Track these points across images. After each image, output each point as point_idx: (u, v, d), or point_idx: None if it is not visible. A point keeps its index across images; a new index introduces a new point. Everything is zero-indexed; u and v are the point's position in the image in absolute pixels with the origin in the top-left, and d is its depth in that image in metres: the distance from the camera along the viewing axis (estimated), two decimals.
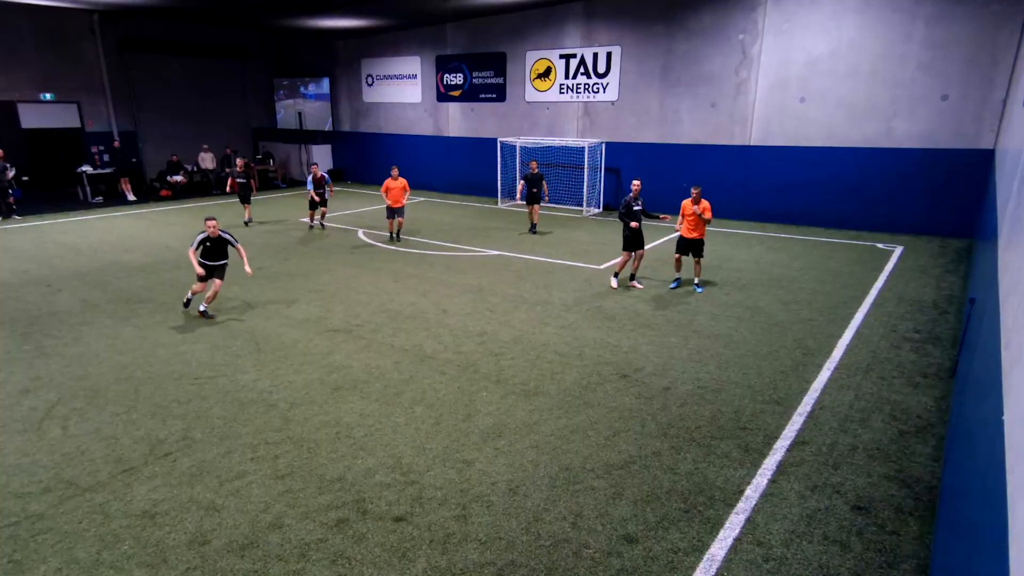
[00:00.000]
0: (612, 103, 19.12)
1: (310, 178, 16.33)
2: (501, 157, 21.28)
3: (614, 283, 11.13)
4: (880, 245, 14.37)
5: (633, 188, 10.93)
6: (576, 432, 6.17)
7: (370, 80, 25.27)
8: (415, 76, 23.72)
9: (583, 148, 19.28)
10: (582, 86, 19.57)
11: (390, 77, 24.58)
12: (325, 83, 26.90)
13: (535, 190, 15.56)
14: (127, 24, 22.79)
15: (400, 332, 8.94)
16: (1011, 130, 9.17)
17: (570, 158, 19.90)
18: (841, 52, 15.29)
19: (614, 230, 16.31)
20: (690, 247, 10.73)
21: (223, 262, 9.64)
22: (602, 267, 12.54)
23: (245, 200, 17.11)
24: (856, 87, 15.30)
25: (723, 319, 9.43)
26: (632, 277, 11.26)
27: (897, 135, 15.10)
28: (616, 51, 18.64)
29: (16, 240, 15.03)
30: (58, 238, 15.28)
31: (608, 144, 19.26)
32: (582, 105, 19.80)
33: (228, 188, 17.39)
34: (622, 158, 19.20)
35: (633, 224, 10.68)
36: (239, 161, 17.95)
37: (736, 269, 12.33)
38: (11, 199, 18.00)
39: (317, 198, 16.28)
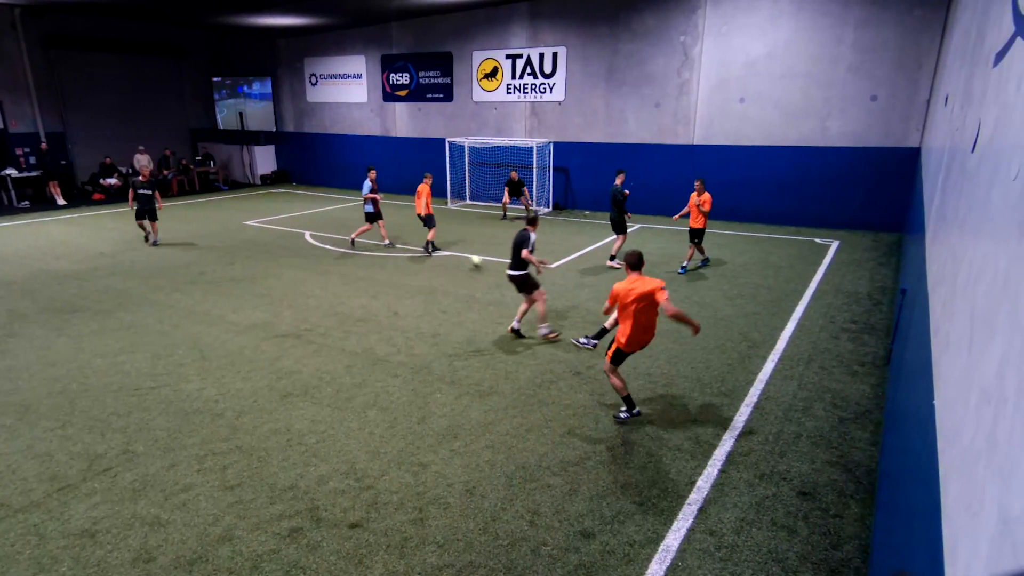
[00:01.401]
0: (559, 103, 19.28)
1: (369, 184, 13.87)
2: (450, 157, 21.18)
3: (616, 263, 12.52)
4: (818, 240, 14.92)
5: (618, 180, 12.52)
6: (531, 430, 6.20)
7: (314, 79, 24.78)
8: (360, 76, 23.39)
9: (531, 148, 19.37)
10: (529, 86, 19.66)
11: (335, 76, 24.16)
12: (268, 82, 26.24)
13: (516, 196, 17.53)
14: (52, 19, 21.69)
15: (351, 335, 8.80)
16: (934, 130, 9.67)
17: (519, 158, 19.95)
18: (777, 54, 15.81)
19: (564, 229, 16.45)
20: (693, 235, 11.97)
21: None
22: (552, 266, 12.62)
23: (151, 216, 14.46)
24: (792, 88, 15.85)
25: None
26: (612, 258, 12.70)
27: (831, 134, 15.71)
28: (562, 52, 18.80)
29: None
30: None
31: (556, 144, 19.41)
32: (529, 105, 19.90)
33: (129, 202, 14.58)
34: (570, 157, 19.37)
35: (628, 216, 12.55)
36: (143, 170, 14.75)
37: (682, 266, 12.58)
38: None
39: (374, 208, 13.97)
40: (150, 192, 14.39)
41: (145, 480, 5.40)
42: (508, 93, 20.12)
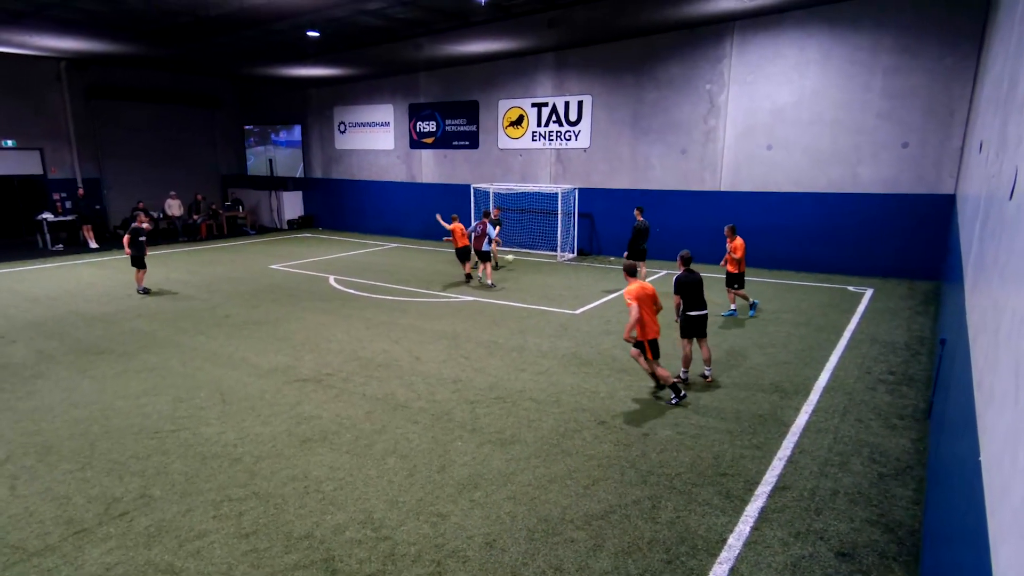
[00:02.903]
0: (584, 150, 19.54)
1: (490, 227, 15.21)
2: (474, 203, 21.49)
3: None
4: (851, 288, 14.68)
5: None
6: (554, 481, 6.08)
7: (342, 127, 25.54)
8: (388, 124, 24.05)
9: (556, 194, 19.58)
10: (554, 133, 20.00)
11: (363, 124, 24.87)
12: (297, 130, 27.10)
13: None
14: (95, 71, 22.82)
15: (372, 381, 8.81)
16: (969, 176, 9.57)
17: (544, 203, 20.17)
18: (805, 101, 15.91)
19: (590, 275, 16.44)
20: (729, 281, 12.06)
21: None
22: (577, 312, 12.59)
23: (142, 264, 14.19)
24: (820, 134, 15.88)
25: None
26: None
27: (862, 180, 15.63)
28: (587, 100, 19.16)
29: None
30: (14, 287, 14.89)
31: (581, 190, 19.59)
32: (555, 152, 20.20)
33: (125, 249, 14.16)
34: (595, 203, 19.52)
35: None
36: (141, 217, 14.64)
37: (710, 313, 12.43)
38: None
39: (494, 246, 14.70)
40: (144, 239, 14.26)
41: (161, 526, 5.38)
42: (533, 140, 20.48)
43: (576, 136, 19.61)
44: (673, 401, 7.90)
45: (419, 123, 23.14)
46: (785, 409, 7.77)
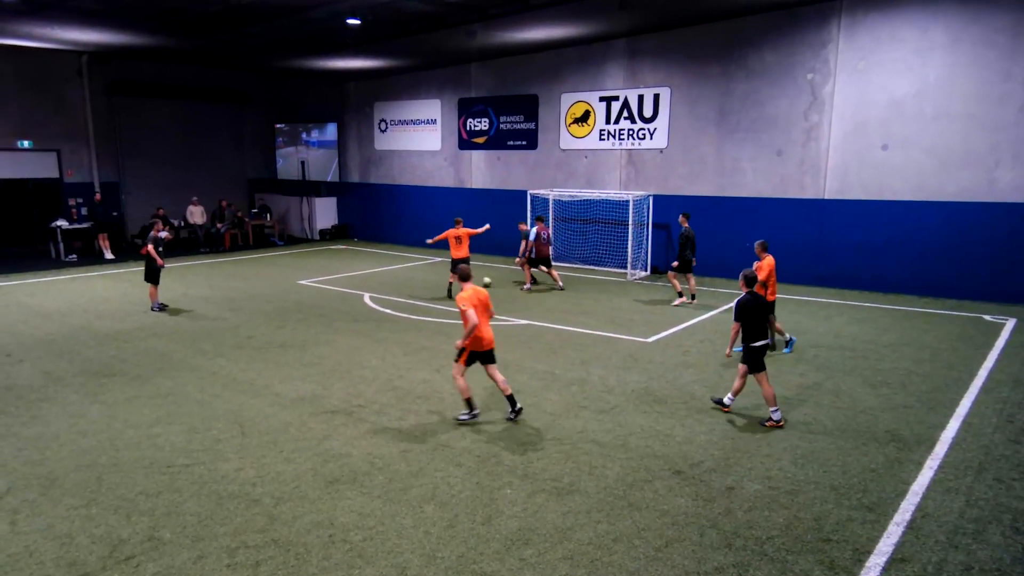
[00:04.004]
0: (661, 151, 19.42)
1: (535, 230, 16.94)
2: (532, 211, 21.56)
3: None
4: (987, 317, 14.04)
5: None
6: (619, 541, 5.96)
7: (383, 125, 26.16)
8: (434, 121, 24.50)
9: (627, 202, 19.48)
10: (626, 132, 19.96)
11: (406, 122, 25.42)
12: (331, 129, 27.90)
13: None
14: (117, 66, 24.10)
15: (409, 415, 8.87)
16: None
17: (612, 213, 20.09)
18: (928, 93, 15.42)
19: (665, 296, 16.23)
20: None
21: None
22: (650, 340, 12.42)
23: (157, 279, 14.78)
24: (948, 132, 15.33)
25: (798, 404, 9.20)
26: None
27: (1001, 187, 14.98)
28: (665, 93, 19.07)
29: None
30: (24, 300, 15.73)
31: (656, 197, 19.45)
32: (625, 153, 20.14)
33: (159, 260, 14.70)
34: (672, 213, 19.27)
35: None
36: (159, 224, 15.54)
37: (812, 344, 12.12)
38: None
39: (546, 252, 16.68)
40: (161, 250, 14.87)
41: (170, 573, 5.50)
42: (601, 140, 20.48)
43: (651, 134, 19.51)
44: (463, 417, 8.57)
45: (469, 120, 23.49)
46: (904, 464, 7.45)
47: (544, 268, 17.25)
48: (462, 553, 5.78)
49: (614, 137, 20.23)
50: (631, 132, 19.87)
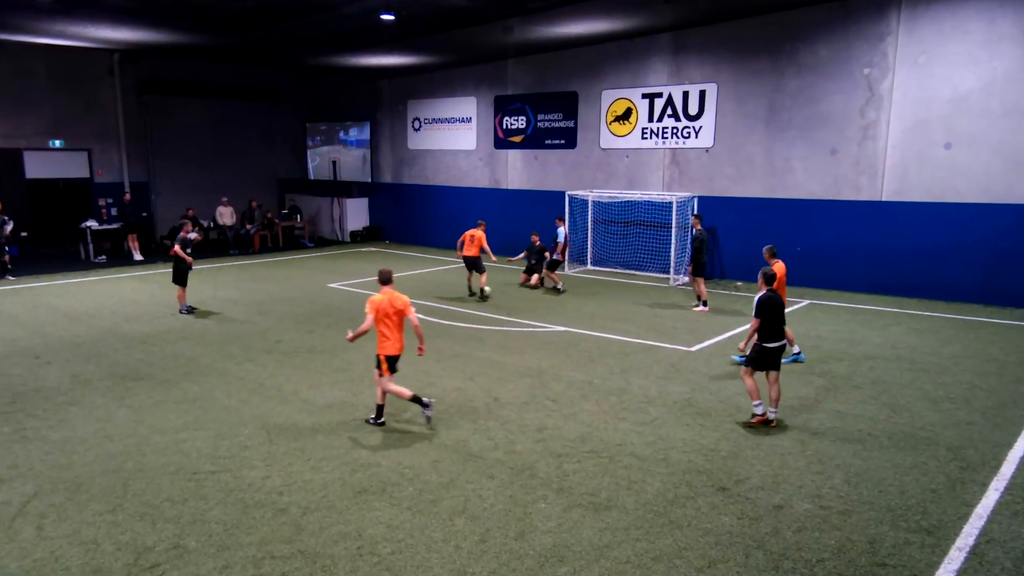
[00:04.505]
0: (706, 150, 19.25)
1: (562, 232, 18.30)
2: (570, 213, 21.54)
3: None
4: None
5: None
6: (659, 560, 5.90)
7: (417, 124, 26.38)
8: (470, 119, 24.62)
9: (670, 204, 19.34)
10: (669, 130, 19.84)
11: (440, 120, 25.59)
12: (365, 128, 28.21)
13: (533, 261, 18.36)
14: (149, 64, 24.69)
15: (441, 424, 8.90)
16: None
17: (654, 215, 19.95)
18: (996, 87, 15.05)
19: (709, 303, 16.06)
20: None
21: None
22: (693, 349, 12.30)
23: (183, 281, 15.14)
24: (1018, 129, 14.95)
25: (852, 418, 9.05)
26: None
27: None
28: (711, 89, 18.91)
29: (7, 304, 15.97)
30: (53, 302, 16.17)
31: (701, 198, 19.28)
32: (669, 152, 20.01)
33: (189, 260, 15.11)
34: (718, 215, 19.13)
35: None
36: (188, 226, 16.02)
37: (867, 356, 11.89)
38: (7, 257, 19.24)
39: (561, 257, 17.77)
40: (189, 251, 15.27)
41: None
42: (643, 138, 20.38)
43: (696, 133, 19.36)
44: (370, 421, 8.90)
45: (506, 118, 23.56)
46: (967, 484, 7.26)
47: (548, 270, 18.11)
48: (494, 569, 5.77)
49: (657, 136, 20.11)
50: (675, 130, 19.74)
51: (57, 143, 23.39)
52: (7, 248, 19.38)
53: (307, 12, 16.37)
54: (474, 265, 16.92)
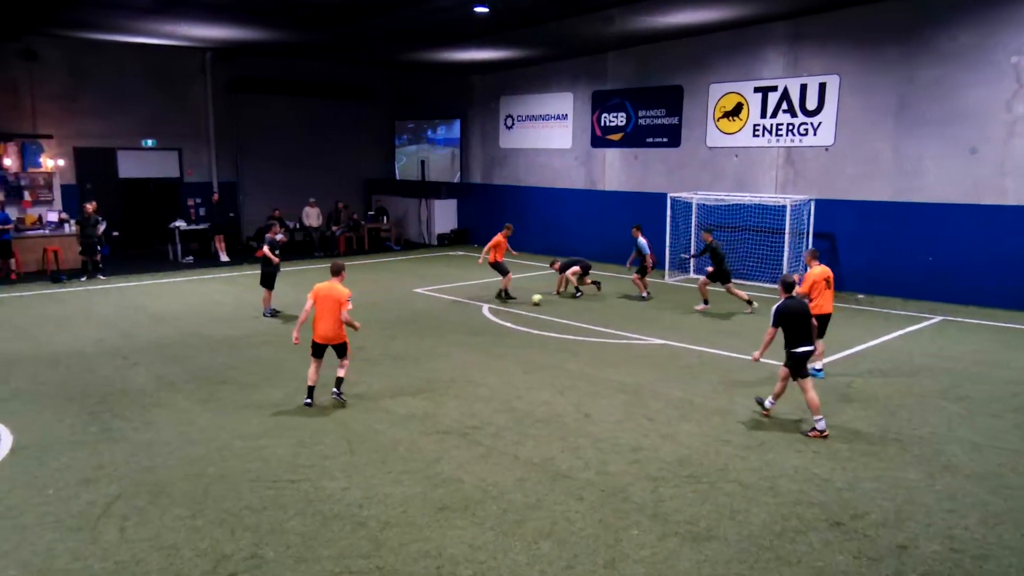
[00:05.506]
0: (826, 148, 18.70)
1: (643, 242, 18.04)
2: (671, 218, 21.26)
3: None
4: None
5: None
6: None
7: (509, 122, 26.62)
8: (565, 116, 24.68)
9: (783, 207, 18.85)
10: (784, 127, 19.37)
11: (534, 118, 25.75)
12: (455, 126, 28.67)
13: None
14: (239, 62, 25.88)
15: (527, 440, 8.93)
16: None
17: (766, 220, 19.50)
18: None
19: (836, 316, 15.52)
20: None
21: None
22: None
23: (270, 283, 15.97)
24: None
25: (990, 451, 8.57)
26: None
27: None
28: (832, 81, 18.36)
29: (97, 304, 17.02)
30: (141, 303, 17.13)
31: (818, 202, 18.73)
32: (783, 151, 19.53)
33: (275, 260, 15.98)
34: (838, 221, 18.52)
35: None
36: (276, 227, 16.78)
37: (1010, 380, 11.27)
38: (98, 257, 20.50)
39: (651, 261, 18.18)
40: (278, 253, 16.09)
41: None
42: (755, 136, 19.96)
43: (815, 129, 18.83)
44: (307, 403, 10.05)
45: (604, 115, 23.49)
46: None
47: (587, 278, 18.59)
48: None
49: (770, 133, 19.66)
50: (790, 127, 19.26)
51: (150, 143, 24.78)
52: (99, 248, 20.64)
53: (398, 6, 16.79)
54: (502, 269, 17.87)
